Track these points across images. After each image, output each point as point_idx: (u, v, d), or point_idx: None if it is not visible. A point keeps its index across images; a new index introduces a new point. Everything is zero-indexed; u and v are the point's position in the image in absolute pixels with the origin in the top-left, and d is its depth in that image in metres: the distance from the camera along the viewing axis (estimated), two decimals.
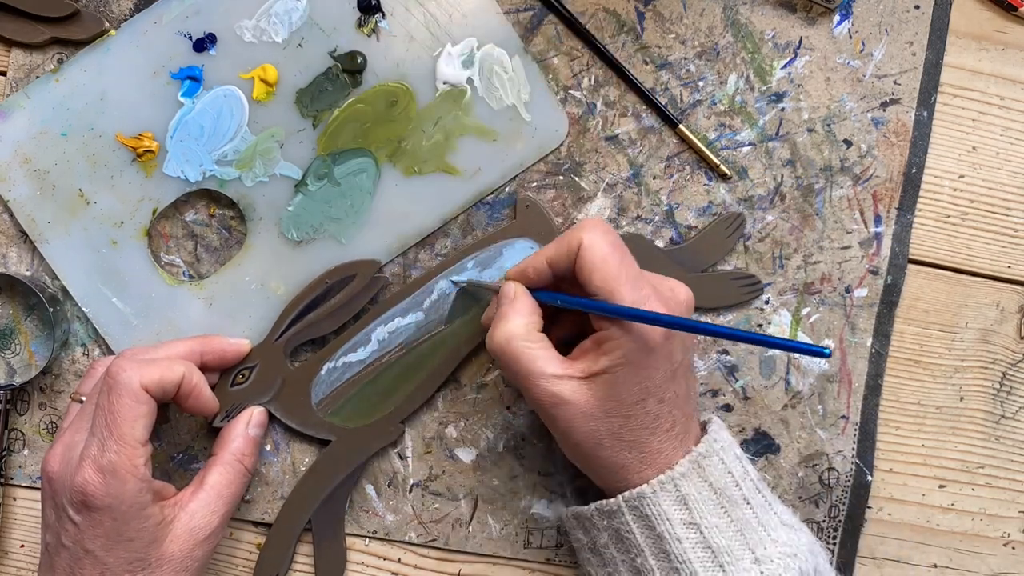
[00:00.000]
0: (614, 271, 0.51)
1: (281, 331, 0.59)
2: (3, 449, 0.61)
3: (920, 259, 0.62)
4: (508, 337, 0.52)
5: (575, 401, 0.51)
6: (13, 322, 0.61)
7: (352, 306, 0.60)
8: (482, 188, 0.60)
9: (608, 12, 0.61)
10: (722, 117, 0.61)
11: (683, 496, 0.51)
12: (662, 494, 0.51)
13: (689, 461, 0.52)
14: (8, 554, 0.62)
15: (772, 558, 0.51)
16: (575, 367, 0.52)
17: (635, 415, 0.51)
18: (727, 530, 0.51)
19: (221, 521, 0.55)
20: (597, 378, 0.51)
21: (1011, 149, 0.62)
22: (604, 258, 0.51)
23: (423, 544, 0.62)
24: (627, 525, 0.52)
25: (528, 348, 0.52)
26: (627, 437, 0.51)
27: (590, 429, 0.51)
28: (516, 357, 0.52)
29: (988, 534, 0.63)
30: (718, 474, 0.52)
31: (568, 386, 0.51)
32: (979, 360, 0.62)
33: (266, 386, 0.59)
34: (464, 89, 0.60)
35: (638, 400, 0.51)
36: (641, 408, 0.51)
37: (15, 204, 0.59)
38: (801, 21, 0.61)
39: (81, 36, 0.59)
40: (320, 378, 0.60)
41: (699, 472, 0.52)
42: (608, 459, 0.52)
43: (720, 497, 0.52)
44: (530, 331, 0.53)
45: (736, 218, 0.61)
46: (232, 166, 0.60)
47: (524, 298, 0.54)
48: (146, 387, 0.52)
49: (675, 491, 0.51)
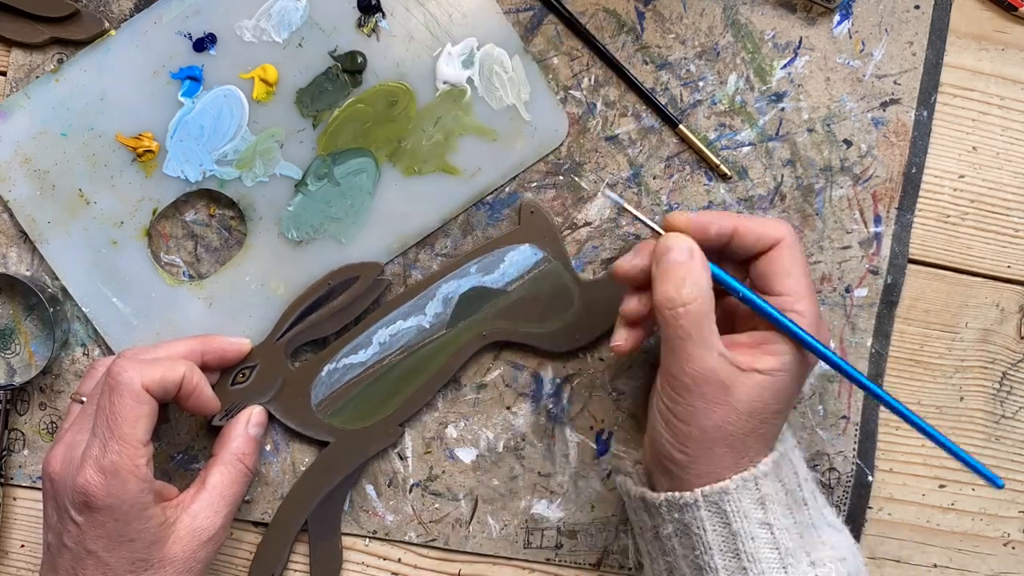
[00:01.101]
0: (806, 285, 0.51)
1: (282, 331, 0.59)
2: (3, 449, 0.61)
3: (920, 259, 0.62)
4: (695, 296, 0.49)
5: (731, 388, 0.49)
6: (13, 322, 0.61)
7: (354, 308, 0.60)
8: (482, 188, 0.60)
9: (608, 12, 0.61)
10: (722, 117, 0.61)
11: (762, 496, 0.50)
12: (744, 491, 0.50)
13: (772, 461, 0.51)
14: (8, 554, 0.62)
15: (824, 561, 0.50)
16: (737, 355, 0.50)
17: (771, 423, 0.50)
18: (792, 532, 0.51)
19: (224, 522, 0.55)
20: (757, 375, 0.49)
21: (1011, 149, 0.62)
22: (803, 268, 0.51)
23: (423, 544, 0.62)
24: (699, 521, 0.51)
25: (710, 315, 0.49)
26: (748, 441, 0.50)
27: (724, 421, 0.49)
28: (695, 321, 0.49)
29: (988, 534, 0.63)
30: (789, 475, 0.52)
31: (729, 372, 0.49)
32: (979, 360, 0.62)
33: (266, 386, 0.59)
34: (464, 89, 0.60)
35: (779, 410, 0.50)
36: (779, 419, 0.51)
37: (15, 204, 0.59)
38: (801, 21, 0.61)
39: (81, 36, 0.59)
40: (320, 379, 0.60)
41: (777, 472, 0.51)
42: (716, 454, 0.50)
43: (789, 498, 0.51)
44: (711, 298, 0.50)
45: None
46: (232, 166, 0.60)
47: (704, 259, 0.50)
48: (147, 387, 0.52)
49: (756, 490, 0.50)
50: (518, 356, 0.61)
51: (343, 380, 0.60)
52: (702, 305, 0.49)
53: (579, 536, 0.62)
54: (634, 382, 0.61)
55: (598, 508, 0.62)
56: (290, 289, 0.60)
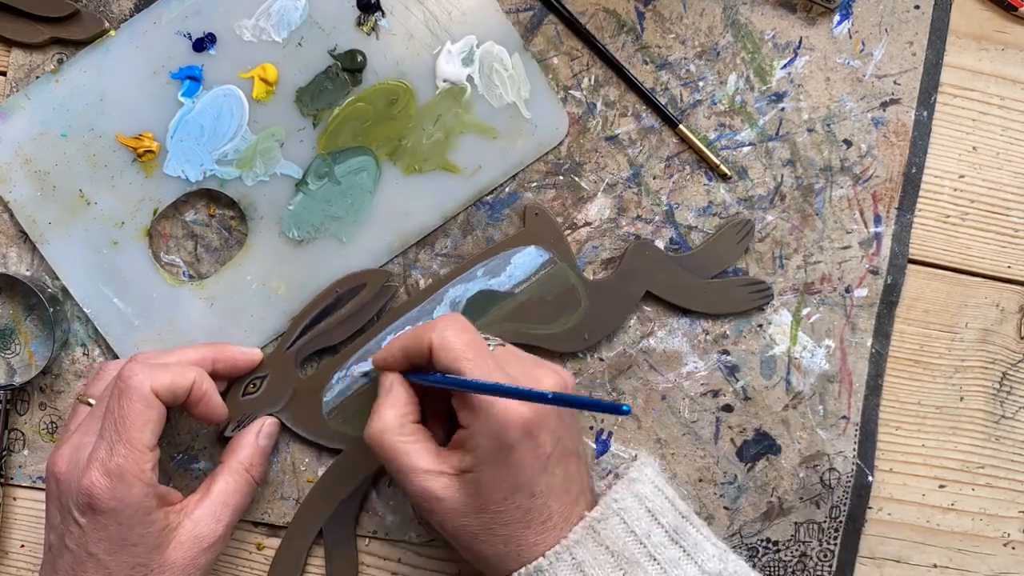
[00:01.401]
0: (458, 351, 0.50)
1: (292, 341, 0.59)
2: (3, 449, 0.61)
3: (920, 259, 0.62)
4: (381, 430, 0.52)
5: (446, 497, 0.51)
6: (13, 322, 0.61)
7: (362, 315, 0.60)
8: (483, 186, 0.60)
9: (608, 12, 0.61)
10: (722, 117, 0.61)
11: (579, 563, 0.50)
12: (559, 564, 0.50)
13: (583, 528, 0.51)
14: (8, 554, 0.62)
15: None
16: (448, 462, 0.51)
17: (506, 511, 0.50)
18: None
19: (225, 530, 0.55)
20: (466, 475, 0.50)
21: (1011, 149, 0.62)
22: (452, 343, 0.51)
23: (423, 544, 0.62)
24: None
25: (400, 442, 0.52)
26: (500, 532, 0.51)
27: (462, 524, 0.51)
28: (389, 451, 0.52)
29: (988, 534, 0.63)
30: (615, 535, 0.51)
31: (439, 483, 0.51)
32: (979, 360, 0.62)
33: (277, 396, 0.59)
34: (464, 87, 0.60)
35: (505, 497, 0.50)
36: (511, 503, 0.50)
37: (15, 205, 0.59)
38: (801, 21, 0.61)
39: (81, 36, 0.59)
40: (331, 387, 0.60)
41: (594, 538, 0.51)
42: (484, 552, 0.51)
43: (618, 559, 0.50)
44: (404, 424, 0.52)
45: (745, 225, 0.60)
46: (232, 165, 0.60)
47: (398, 388, 0.54)
48: (157, 392, 0.52)
49: (571, 559, 0.50)
50: None
51: (353, 388, 0.60)
52: (387, 436, 0.52)
53: None
54: (634, 382, 0.61)
55: None
56: (291, 289, 0.60)
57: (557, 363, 0.61)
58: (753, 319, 0.61)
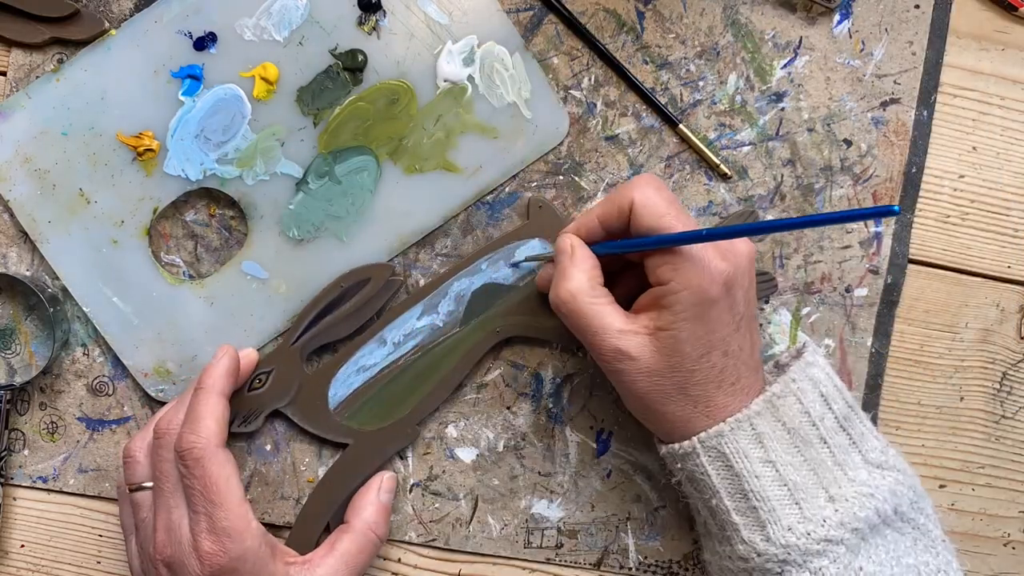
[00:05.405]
0: (662, 208, 0.51)
1: (297, 335, 0.59)
2: (3, 449, 0.60)
3: (920, 259, 0.62)
4: (572, 293, 0.52)
5: (640, 356, 0.51)
6: (13, 322, 0.61)
7: (367, 309, 0.60)
8: (483, 186, 0.60)
9: (608, 12, 0.61)
10: (722, 117, 0.61)
11: (759, 435, 0.51)
12: (739, 432, 0.51)
13: (764, 400, 0.52)
14: (8, 554, 0.62)
15: (847, 497, 0.51)
16: (639, 322, 0.51)
17: (700, 369, 0.51)
18: (802, 468, 0.51)
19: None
20: (661, 333, 0.51)
21: (1011, 149, 0.62)
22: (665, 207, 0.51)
23: (423, 544, 0.62)
24: (701, 467, 0.52)
25: (593, 303, 0.52)
26: (692, 392, 0.51)
27: (655, 384, 0.51)
28: (582, 312, 0.52)
29: (988, 534, 0.63)
30: (792, 414, 0.52)
31: (633, 341, 0.51)
32: (979, 360, 0.62)
33: (283, 390, 0.59)
34: (465, 87, 0.60)
35: (703, 354, 0.51)
36: (706, 362, 0.51)
37: (15, 204, 0.59)
38: (801, 21, 0.61)
39: (81, 36, 0.59)
40: (337, 381, 0.60)
41: (773, 412, 0.52)
42: (673, 413, 0.52)
43: (793, 436, 0.52)
44: (593, 285, 0.52)
45: (750, 215, 0.61)
46: (233, 165, 0.60)
47: (582, 251, 0.54)
48: (216, 444, 0.53)
49: (751, 429, 0.51)
50: (518, 356, 0.61)
51: (359, 382, 0.60)
52: (580, 297, 0.52)
53: (579, 536, 0.62)
54: None
55: (598, 508, 0.62)
56: (292, 288, 0.60)
57: (552, 362, 0.61)
58: None
